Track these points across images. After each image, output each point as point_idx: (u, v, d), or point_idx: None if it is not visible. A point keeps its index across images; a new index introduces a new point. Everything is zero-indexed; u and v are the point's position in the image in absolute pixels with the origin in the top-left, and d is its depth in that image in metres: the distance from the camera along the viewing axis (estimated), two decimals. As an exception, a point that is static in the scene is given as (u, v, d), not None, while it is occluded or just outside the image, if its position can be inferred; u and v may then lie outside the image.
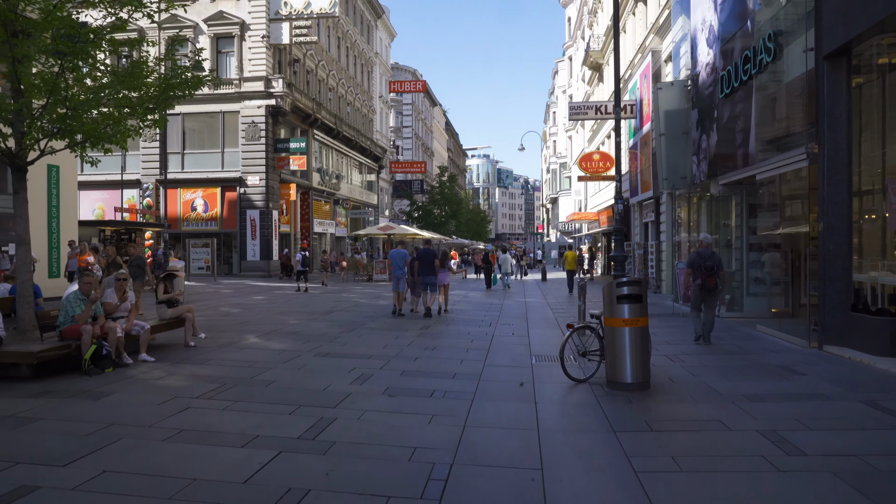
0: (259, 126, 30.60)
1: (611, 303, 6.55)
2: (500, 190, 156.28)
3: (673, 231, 18.64)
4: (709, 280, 9.30)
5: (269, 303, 16.50)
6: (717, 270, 9.36)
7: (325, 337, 10.08)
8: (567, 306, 15.83)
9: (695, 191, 15.24)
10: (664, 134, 15.34)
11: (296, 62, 34.93)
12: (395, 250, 14.06)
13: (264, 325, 11.65)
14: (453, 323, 12.31)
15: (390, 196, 59.01)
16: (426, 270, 12.97)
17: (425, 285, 13.04)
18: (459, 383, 6.83)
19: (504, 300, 17.94)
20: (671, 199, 18.63)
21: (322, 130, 37.56)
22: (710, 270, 9.28)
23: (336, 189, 40.23)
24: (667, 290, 18.70)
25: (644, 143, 20.26)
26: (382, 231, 28.17)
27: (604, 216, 30.44)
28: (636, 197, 22.33)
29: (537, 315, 13.91)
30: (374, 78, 53.22)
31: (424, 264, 13.01)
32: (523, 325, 12.16)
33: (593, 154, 28.01)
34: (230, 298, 17.97)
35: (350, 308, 15.02)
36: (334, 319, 12.56)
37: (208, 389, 6.35)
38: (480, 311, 14.86)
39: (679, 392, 6.46)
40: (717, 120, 12.69)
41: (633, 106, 21.22)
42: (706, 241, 10.03)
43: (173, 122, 31.70)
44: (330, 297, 18.69)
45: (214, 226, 31.33)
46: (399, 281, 13.52)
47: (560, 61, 62.58)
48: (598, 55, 31.89)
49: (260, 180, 30.57)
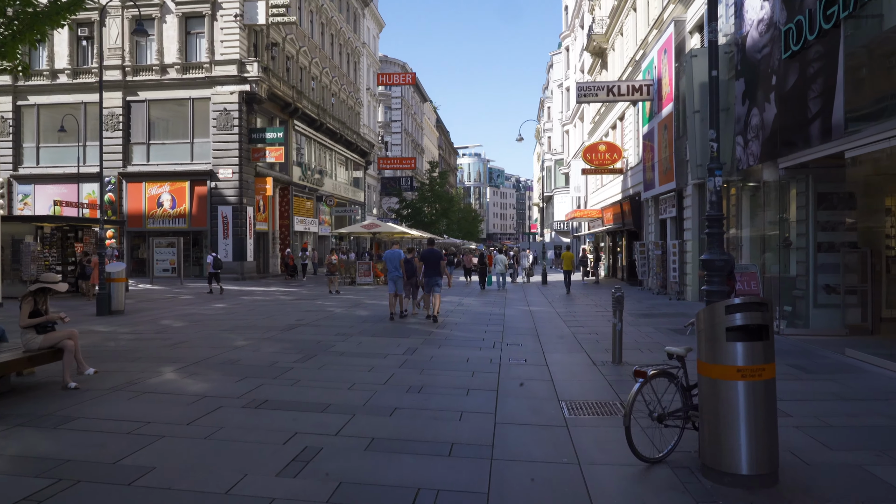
0: (232, 114, 27.83)
1: (713, 338, 3.95)
2: (491, 189, 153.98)
3: (700, 228, 16.08)
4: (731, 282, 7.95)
5: (226, 313, 13.80)
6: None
7: (273, 370, 7.41)
8: (585, 319, 13.24)
9: (735, 179, 12.70)
10: (699, 111, 12.77)
11: (274, 46, 32.17)
12: (389, 251, 13.15)
13: (200, 348, 8.97)
14: (448, 344, 9.68)
15: (378, 194, 56.29)
16: (431, 272, 12.39)
17: (430, 287, 12.40)
18: (459, 470, 4.21)
19: (505, 308, 15.33)
20: (697, 191, 16.09)
21: (303, 122, 34.83)
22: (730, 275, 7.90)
23: (319, 185, 37.49)
24: (693, 296, 16.17)
25: (664, 128, 17.73)
26: (367, 229, 25.47)
27: (609, 213, 27.92)
28: (651, 191, 19.79)
29: (550, 330, 11.31)
30: (360, 69, 50.49)
31: (429, 265, 12.43)
32: (535, 345, 9.56)
33: (598, 145, 25.48)
34: (183, 307, 15.26)
35: (320, 321, 12.35)
36: (294, 339, 9.89)
37: (18, 498, 3.65)
38: (479, 324, 12.25)
39: (834, 491, 3.85)
40: (777, 87, 10.14)
41: (650, 87, 18.68)
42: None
43: (137, 110, 28.97)
44: (302, 305, 16.01)
45: (183, 223, 28.53)
46: (395, 283, 12.70)
47: (556, 54, 60.04)
48: (601, 38, 29.39)
49: (233, 173, 27.81)
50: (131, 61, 28.85)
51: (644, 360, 8.13)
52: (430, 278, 12.45)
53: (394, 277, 12.73)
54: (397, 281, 12.69)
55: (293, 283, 25.62)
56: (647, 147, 20.00)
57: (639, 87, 18.70)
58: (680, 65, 16.57)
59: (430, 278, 12.45)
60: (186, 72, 28.41)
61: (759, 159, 10.95)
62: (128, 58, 28.81)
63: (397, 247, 13.37)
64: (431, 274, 12.44)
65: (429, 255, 12.57)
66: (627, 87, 18.76)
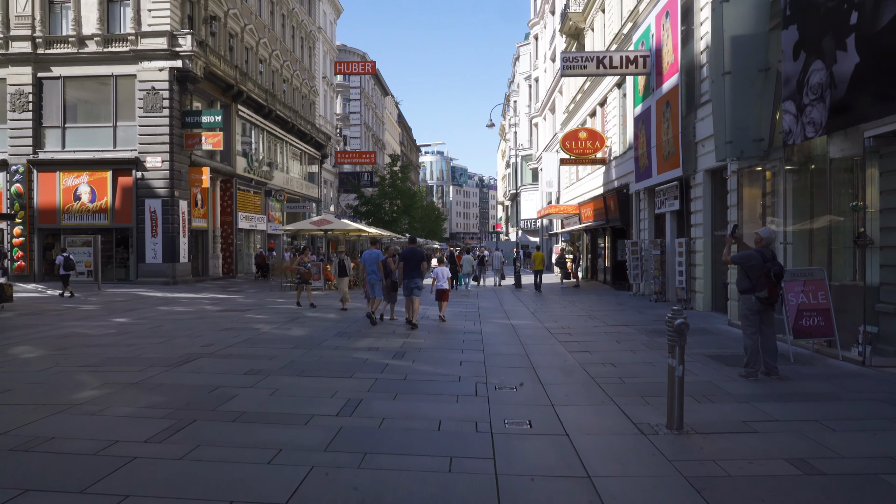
0: (161, 94, 24.17)
1: None
2: (454, 188, 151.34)
3: (713, 223, 13.41)
4: (775, 290, 6.80)
5: (116, 335, 10.44)
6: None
7: (94, 467, 4.23)
8: (585, 337, 10.35)
9: (776, 159, 9.99)
10: (730, 73, 10.00)
11: (213, 20, 28.54)
12: (367, 251, 12.36)
13: (12, 407, 5.71)
14: (409, 388, 6.60)
15: (336, 190, 52.77)
16: (412, 273, 11.47)
17: (410, 290, 11.45)
18: None
19: (480, 322, 12.34)
20: (710, 179, 13.41)
21: (249, 107, 31.26)
22: (779, 277, 6.79)
23: (268, 178, 33.94)
24: (705, 305, 13.47)
25: (664, 106, 15.02)
26: (316, 226, 22.13)
27: (588, 209, 25.23)
28: (645, 181, 17.09)
29: (547, 358, 8.37)
30: (316, 55, 46.95)
31: (410, 266, 11.52)
32: (535, 388, 6.58)
33: (579, 132, 22.75)
34: (71, 323, 11.81)
35: (234, 346, 9.14)
36: (179, 383, 6.69)
37: None
38: (451, 348, 9.22)
39: None
40: (860, 27, 7.41)
41: (647, 58, 15.95)
42: (768, 236, 7.14)
43: (51, 88, 25.03)
44: (225, 319, 12.72)
45: (104, 219, 24.73)
46: (374, 286, 11.90)
47: (523, 45, 57.45)
48: (579, 18, 26.70)
49: (162, 162, 24.16)
50: (43, 31, 24.89)
51: (710, 418, 5.25)
52: (409, 280, 11.45)
53: (372, 281, 11.86)
54: (375, 284, 11.85)
55: (232, 289, 22.17)
56: (640, 131, 17.29)
57: (633, 59, 15.94)
58: (688, 28, 13.87)
59: (409, 280, 11.45)
60: (108, 45, 24.62)
61: (825, 129, 8.21)
62: (39, 27, 24.85)
63: (376, 247, 12.45)
64: (412, 275, 11.45)
65: (409, 255, 11.57)
66: (621, 58, 15.99)
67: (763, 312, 6.87)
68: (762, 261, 6.75)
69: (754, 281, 6.76)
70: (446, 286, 13.07)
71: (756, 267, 6.75)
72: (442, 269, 13.34)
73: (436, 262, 16.04)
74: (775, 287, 6.75)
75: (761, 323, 6.88)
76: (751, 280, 6.79)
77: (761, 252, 6.83)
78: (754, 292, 6.78)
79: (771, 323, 6.96)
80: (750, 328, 6.85)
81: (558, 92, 35.94)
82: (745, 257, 6.88)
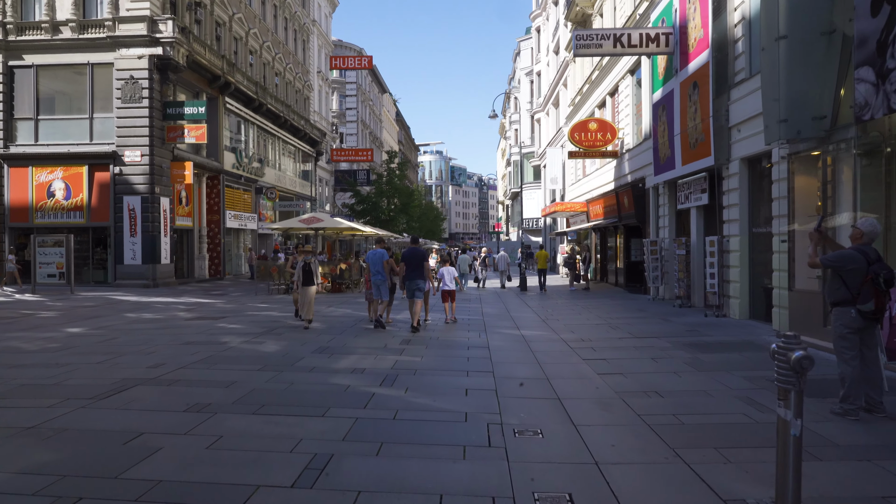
0: (140, 83, 22.52)
1: None
2: (453, 188, 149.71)
3: (750, 218, 11.77)
4: (883, 301, 5.06)
5: (57, 350, 8.80)
6: None
7: None
8: (612, 353, 8.73)
9: (840, 140, 8.36)
10: (786, 37, 8.38)
11: (198, 6, 26.89)
12: (372, 251, 11.80)
13: None
14: (398, 436, 4.97)
15: (332, 188, 51.13)
16: (414, 274, 11.05)
17: (412, 292, 11.03)
18: None
19: (488, 334, 10.69)
20: (747, 168, 11.77)
21: (238, 100, 29.62)
22: (890, 283, 5.05)
23: (259, 175, 32.29)
24: (741, 312, 11.83)
25: (691, 88, 13.39)
26: (306, 224, 20.48)
27: (597, 206, 23.60)
28: (665, 174, 15.45)
29: (573, 384, 6.74)
30: (311, 49, 45.31)
31: (412, 266, 11.10)
32: (568, 431, 4.95)
33: (588, 122, 21.12)
34: (5, 336, 10.15)
35: (189, 367, 7.49)
36: (91, 428, 5.05)
37: None
38: (453, 370, 7.59)
39: None
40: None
41: (669, 35, 14.33)
42: (872, 231, 5.32)
43: (22, 77, 23.37)
44: (191, 329, 11.07)
45: (80, 217, 23.10)
46: (378, 288, 11.29)
47: (524, 39, 55.82)
48: (586, 3, 25.07)
49: (142, 156, 22.51)
50: (14, 17, 23.25)
51: (828, 488, 3.64)
52: (411, 281, 11.00)
53: (377, 282, 11.27)
54: (381, 285, 11.22)
55: (215, 292, 20.52)
56: (660, 119, 15.66)
57: (654, 37, 14.31)
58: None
59: (411, 281, 11.00)
60: (84, 31, 22.98)
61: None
62: (9, 12, 23.21)
63: (382, 246, 11.84)
64: (414, 276, 10.99)
65: (412, 256, 11.11)
66: (640, 35, 14.35)
67: (865, 330, 5.27)
68: (866, 263, 5.13)
69: (855, 289, 5.14)
70: (452, 287, 12.52)
71: (858, 271, 5.13)
72: (448, 269, 12.81)
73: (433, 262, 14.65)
74: (883, 297, 5.12)
75: (862, 344, 5.28)
76: (850, 288, 5.17)
77: (863, 252, 5.21)
78: (855, 304, 5.17)
79: (874, 344, 5.36)
80: (848, 351, 5.24)
81: (562, 85, 34.33)
82: (844, 258, 5.25)
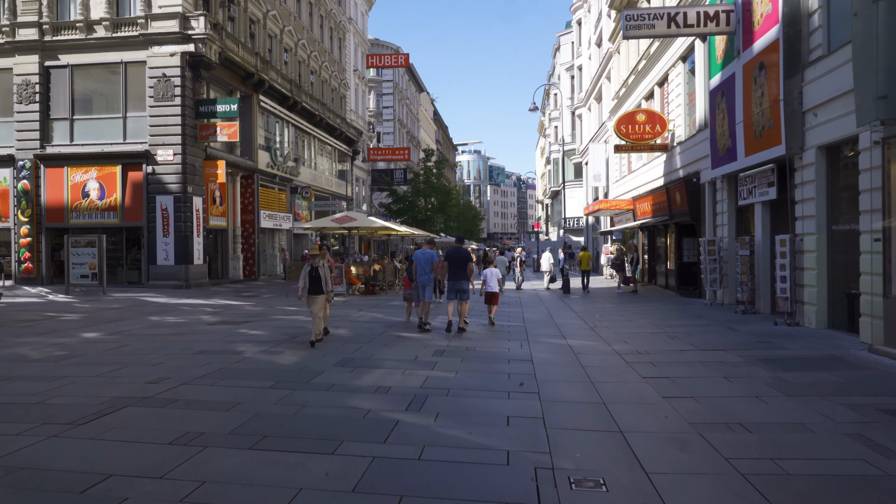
0: (173, 81, 22.15)
1: None
2: (491, 187, 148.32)
3: (829, 215, 10.41)
4: None
5: (59, 359, 8.12)
6: None
7: None
8: (672, 367, 7.58)
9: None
10: (886, -2, 7.11)
11: (231, 3, 26.48)
12: (420, 251, 11.53)
13: None
14: (422, 497, 4.01)
15: (369, 188, 50.60)
16: (457, 275, 10.87)
17: (454, 293, 10.87)
18: None
19: (530, 344, 9.62)
20: (826, 157, 10.41)
21: (272, 98, 29.18)
22: None
23: (294, 174, 31.81)
24: (818, 321, 10.47)
25: (757, 70, 12.06)
26: (339, 223, 19.75)
27: (645, 203, 22.22)
28: (725, 166, 14.09)
29: (634, 409, 5.67)
30: (346, 47, 44.81)
31: (455, 267, 10.92)
32: (640, 481, 3.91)
33: (636, 114, 19.79)
34: (17, 341, 9.56)
35: (185, 385, 6.66)
36: (49, 468, 4.24)
37: None
38: (489, 392, 6.56)
39: None
40: None
41: (731, 13, 13.00)
42: None
43: (58, 78, 23.27)
44: (211, 336, 10.33)
45: (114, 217, 22.87)
46: (424, 289, 11.07)
47: (564, 34, 54.32)
48: (632, -11, 23.70)
49: (174, 155, 22.13)
50: (50, 17, 23.18)
51: None
52: (455, 282, 10.83)
53: (423, 282, 11.05)
54: (427, 287, 11.00)
55: (246, 294, 19.94)
56: (719, 107, 14.31)
57: (714, 15, 13.00)
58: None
59: (455, 282, 10.83)
60: (117, 29, 22.73)
61: None
62: (46, 13, 23.15)
63: (431, 247, 11.63)
64: (458, 277, 10.85)
65: (454, 256, 10.98)
66: (698, 13, 13.05)
67: None
68: None
69: None
70: (496, 289, 12.04)
71: None
72: (491, 270, 12.28)
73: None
74: None
75: None
76: None
77: None
78: None
79: None
80: None
81: (605, 78, 32.91)
82: None
